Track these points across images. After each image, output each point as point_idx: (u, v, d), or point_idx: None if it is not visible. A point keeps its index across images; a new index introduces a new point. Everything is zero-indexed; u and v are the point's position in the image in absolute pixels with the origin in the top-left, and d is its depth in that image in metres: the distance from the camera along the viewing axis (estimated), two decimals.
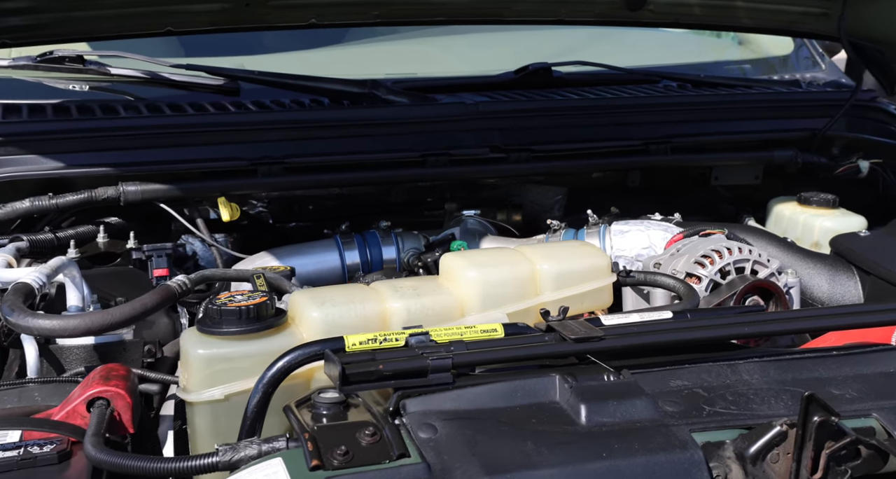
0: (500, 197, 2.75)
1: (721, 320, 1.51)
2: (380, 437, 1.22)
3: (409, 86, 2.61)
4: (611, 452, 1.22)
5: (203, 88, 2.53)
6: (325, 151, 2.31)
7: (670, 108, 2.58)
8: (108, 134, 2.26)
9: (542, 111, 2.49)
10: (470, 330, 1.41)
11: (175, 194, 2.21)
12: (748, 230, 2.27)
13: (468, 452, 1.20)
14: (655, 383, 1.38)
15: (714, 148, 2.61)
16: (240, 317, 1.45)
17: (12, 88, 2.63)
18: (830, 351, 1.53)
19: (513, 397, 1.33)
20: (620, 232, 2.18)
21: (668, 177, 2.67)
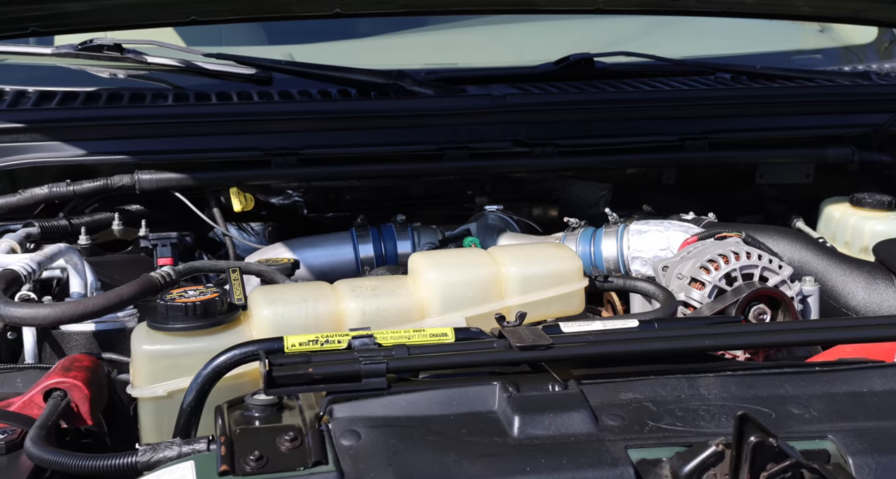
0: (542, 191, 2.74)
1: (687, 330, 1.48)
2: (300, 443, 1.22)
3: (445, 76, 2.61)
4: (536, 466, 1.20)
5: (236, 77, 2.58)
6: (340, 142, 2.33)
7: (709, 102, 2.51)
8: (128, 122, 2.32)
9: (570, 104, 2.46)
10: (419, 334, 1.41)
11: (189, 183, 2.26)
12: (779, 233, 2.21)
13: (385, 462, 1.19)
14: (604, 395, 1.36)
15: (757, 145, 2.54)
16: (186, 313, 1.47)
17: (52, 76, 2.73)
18: (812, 367, 1.49)
19: (449, 405, 1.33)
20: (638, 232, 2.15)
21: (707, 174, 2.61)
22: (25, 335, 1.88)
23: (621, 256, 2.14)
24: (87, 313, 1.65)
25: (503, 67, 2.73)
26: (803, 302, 1.92)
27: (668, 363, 1.50)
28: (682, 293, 1.88)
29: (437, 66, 2.79)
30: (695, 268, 1.88)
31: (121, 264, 2.13)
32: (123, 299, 1.69)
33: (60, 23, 2.39)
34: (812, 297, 1.93)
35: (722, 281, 1.86)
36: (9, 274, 1.76)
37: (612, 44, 2.97)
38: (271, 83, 2.59)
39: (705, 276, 1.86)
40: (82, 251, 2.16)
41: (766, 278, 1.87)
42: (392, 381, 1.36)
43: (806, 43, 3.40)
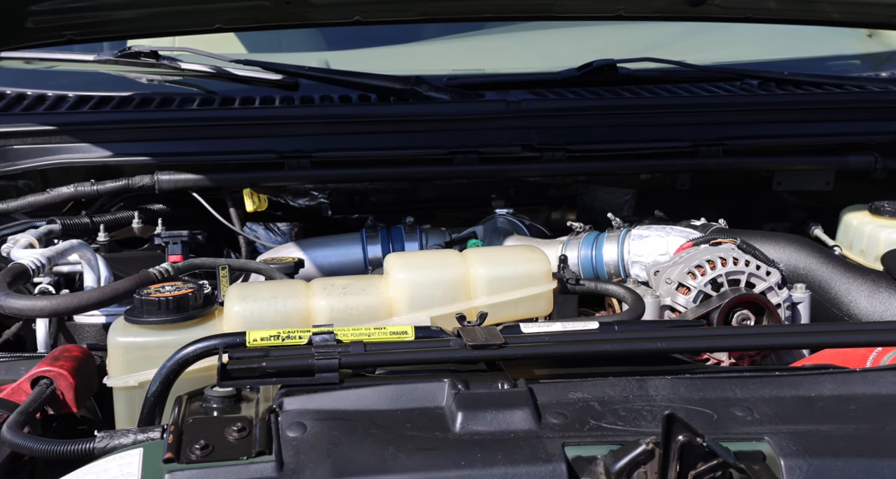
0: (565, 196, 2.78)
1: (642, 333, 1.51)
2: (248, 433, 1.28)
3: (467, 82, 2.67)
4: (470, 461, 1.25)
5: (263, 82, 2.67)
6: (351, 146, 2.40)
7: (723, 108, 2.53)
8: (149, 126, 2.42)
9: (582, 110, 2.50)
10: (379, 331, 1.47)
11: (205, 184, 2.36)
12: (785, 241, 2.21)
13: (325, 453, 1.25)
14: (553, 394, 1.40)
15: (774, 151, 2.55)
16: (159, 308, 1.56)
17: (94, 81, 2.86)
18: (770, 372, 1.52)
19: (398, 401, 1.38)
20: (639, 237, 2.18)
21: (723, 181, 2.62)
22: (38, 326, 1.99)
23: (622, 260, 2.17)
24: (82, 305, 1.75)
25: (526, 73, 2.78)
26: (793, 309, 1.93)
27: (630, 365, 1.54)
28: (669, 298, 1.91)
29: (467, 71, 2.85)
30: (682, 273, 1.91)
31: (136, 260, 2.23)
32: (119, 293, 1.78)
33: (94, 31, 2.51)
34: (802, 304, 1.94)
35: (707, 286, 1.89)
36: (17, 268, 1.87)
37: (645, 50, 3.00)
38: (297, 88, 2.67)
39: (691, 281, 1.89)
40: (101, 248, 2.28)
41: (753, 285, 1.89)
42: (348, 376, 1.43)
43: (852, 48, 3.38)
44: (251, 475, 1.22)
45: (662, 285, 1.93)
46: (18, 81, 2.86)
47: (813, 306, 2.13)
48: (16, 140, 2.46)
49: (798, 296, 1.93)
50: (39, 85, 2.80)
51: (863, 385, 1.42)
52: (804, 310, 1.94)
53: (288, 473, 1.23)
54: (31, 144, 2.45)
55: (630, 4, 2.51)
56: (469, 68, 2.91)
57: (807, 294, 1.94)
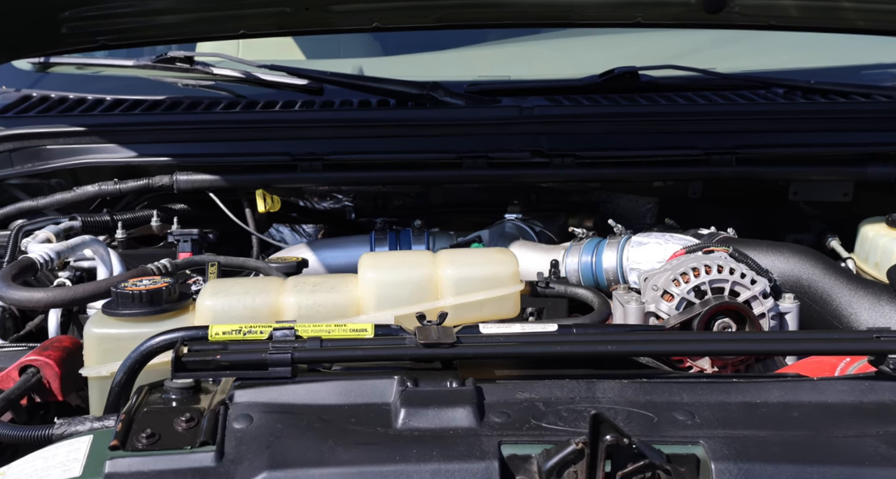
0: (587, 203, 2.81)
1: (597, 336, 1.54)
2: (196, 424, 1.34)
3: (487, 88, 2.71)
4: (405, 456, 1.29)
5: (290, 87, 2.75)
6: (364, 149, 2.46)
7: (737, 116, 2.53)
8: (170, 128, 2.53)
9: (594, 117, 2.52)
10: (339, 328, 1.52)
11: (221, 185, 2.45)
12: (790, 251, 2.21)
13: (265, 445, 1.30)
14: (500, 394, 1.44)
15: (790, 160, 2.54)
16: (132, 300, 1.63)
17: (132, 86, 2.97)
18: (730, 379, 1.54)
19: (347, 396, 1.43)
20: (639, 244, 2.20)
21: (737, 189, 2.63)
22: (50, 318, 2.09)
23: (620, 267, 2.20)
24: (77, 298, 1.84)
25: (548, 80, 2.81)
26: (780, 319, 1.94)
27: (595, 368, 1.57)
28: (654, 305, 1.94)
29: (490, 77, 2.90)
30: (667, 280, 1.93)
31: (151, 257, 2.31)
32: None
33: (126, 37, 2.61)
34: (790, 314, 1.94)
35: (691, 294, 1.90)
36: (24, 261, 1.97)
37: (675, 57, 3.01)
38: (322, 93, 2.74)
39: (674, 288, 1.91)
40: (119, 244, 2.38)
41: (738, 293, 1.90)
42: (304, 372, 1.49)
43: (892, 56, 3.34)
44: (190, 464, 1.27)
45: (649, 291, 1.95)
46: (65, 85, 2.99)
47: (814, 318, 2.13)
48: (49, 140, 2.57)
49: (786, 306, 1.94)
50: (83, 89, 2.92)
51: (811, 394, 1.44)
52: (792, 320, 1.94)
53: (226, 463, 1.28)
54: (62, 144, 2.57)
55: (648, 12, 2.53)
56: (497, 74, 2.96)
57: (795, 304, 1.94)
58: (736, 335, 1.63)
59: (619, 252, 2.20)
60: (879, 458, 1.28)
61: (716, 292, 1.90)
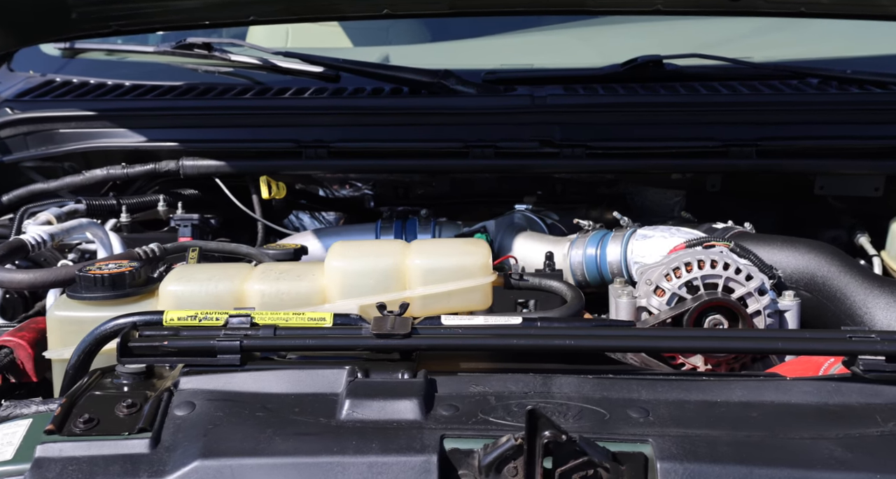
0: (614, 195, 2.78)
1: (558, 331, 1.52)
2: (137, 410, 1.35)
3: (505, 77, 2.69)
4: (343, 448, 1.28)
5: (306, 74, 2.76)
6: (371, 137, 2.46)
7: (759, 107, 2.47)
8: (179, 113, 2.55)
9: (609, 107, 2.48)
10: (297, 316, 1.52)
11: (226, 171, 2.47)
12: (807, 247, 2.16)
13: (202, 433, 1.30)
14: (453, 387, 1.43)
15: (815, 153, 2.47)
16: (94, 284, 1.65)
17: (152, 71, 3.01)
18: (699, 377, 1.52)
19: (296, 385, 1.43)
20: (643, 237, 2.17)
21: (758, 183, 2.57)
22: (48, 298, 2.13)
23: (624, 260, 2.17)
24: (59, 280, 1.87)
25: (569, 69, 2.78)
26: (779, 316, 1.90)
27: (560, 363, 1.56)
28: (645, 299, 1.91)
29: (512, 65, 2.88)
30: (660, 275, 1.90)
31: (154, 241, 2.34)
32: None
33: (137, 22, 2.64)
34: (790, 312, 1.90)
35: (682, 289, 1.87)
36: (14, 243, 2.01)
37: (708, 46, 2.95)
38: (338, 80, 2.75)
39: (666, 283, 1.88)
40: (123, 228, 2.42)
41: (732, 289, 1.87)
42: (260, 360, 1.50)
43: None
44: (123, 451, 1.28)
45: (642, 285, 1.93)
46: (90, 70, 3.03)
47: (828, 316, 2.09)
48: (61, 124, 2.62)
49: (785, 304, 1.89)
50: (106, 74, 2.96)
51: (774, 394, 1.41)
52: (791, 318, 1.89)
53: (160, 450, 1.29)
54: (74, 128, 2.62)
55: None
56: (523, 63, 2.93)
57: (795, 302, 1.90)
58: (701, 333, 1.60)
59: (623, 245, 2.17)
60: (833, 462, 1.25)
61: (710, 288, 1.87)
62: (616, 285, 1.98)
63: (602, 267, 2.19)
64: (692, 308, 1.81)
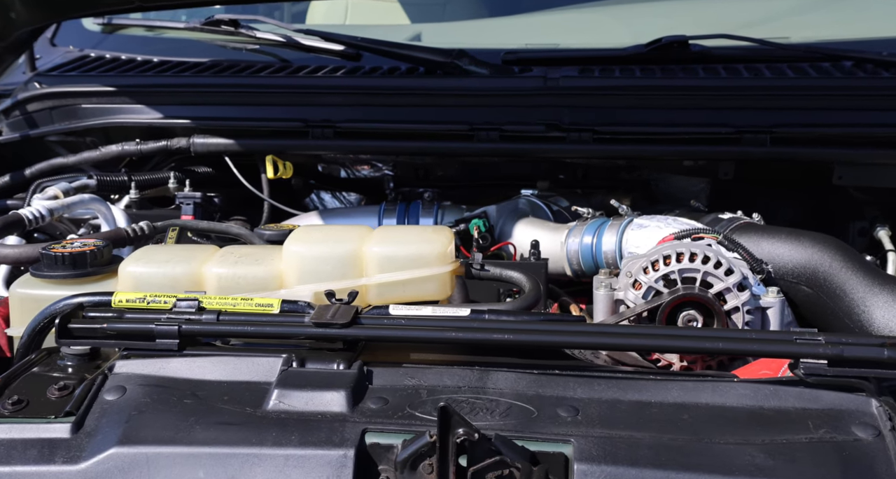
0: (637, 181, 2.74)
1: (503, 325, 1.50)
2: (68, 393, 1.37)
3: (525, 57, 2.66)
4: (262, 439, 1.29)
5: (327, 52, 2.76)
6: (377, 118, 2.45)
7: (775, 92, 2.38)
8: (192, 90, 2.58)
9: (620, 90, 2.42)
10: (245, 302, 1.53)
11: (235, 149, 2.49)
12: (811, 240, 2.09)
13: (124, 418, 1.31)
14: (387, 379, 1.42)
15: (835, 141, 2.39)
16: (55, 262, 1.68)
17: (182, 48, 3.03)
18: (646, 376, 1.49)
19: (232, 373, 1.43)
20: (639, 227, 2.13)
21: (773, 171, 2.50)
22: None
23: (619, 249, 2.13)
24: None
25: (589, 49, 2.72)
26: (761, 313, 1.85)
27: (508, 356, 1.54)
28: (623, 292, 1.88)
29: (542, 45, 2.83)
30: (639, 267, 1.87)
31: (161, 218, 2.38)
32: None
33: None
34: (772, 309, 1.85)
35: (659, 283, 1.83)
36: (12, 217, 2.06)
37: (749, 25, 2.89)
38: (360, 59, 2.74)
39: (643, 276, 1.85)
40: (132, 204, 2.46)
41: (711, 284, 1.83)
42: (201, 345, 1.51)
43: None
44: (43, 435, 1.30)
45: (623, 278, 1.90)
46: (125, 46, 3.05)
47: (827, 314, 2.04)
48: (83, 99, 2.67)
49: (768, 300, 1.84)
50: (139, 50, 2.99)
51: (710, 396, 1.38)
52: (774, 315, 1.84)
53: (81, 435, 1.31)
54: (94, 103, 2.66)
55: None
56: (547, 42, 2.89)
57: (778, 299, 1.85)
58: (639, 330, 1.57)
59: (618, 235, 2.14)
60: (752, 468, 1.22)
61: (688, 283, 1.83)
62: (600, 276, 1.95)
63: (597, 256, 2.16)
64: (665, 303, 1.77)
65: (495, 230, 2.31)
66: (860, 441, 1.26)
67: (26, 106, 2.75)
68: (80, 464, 1.28)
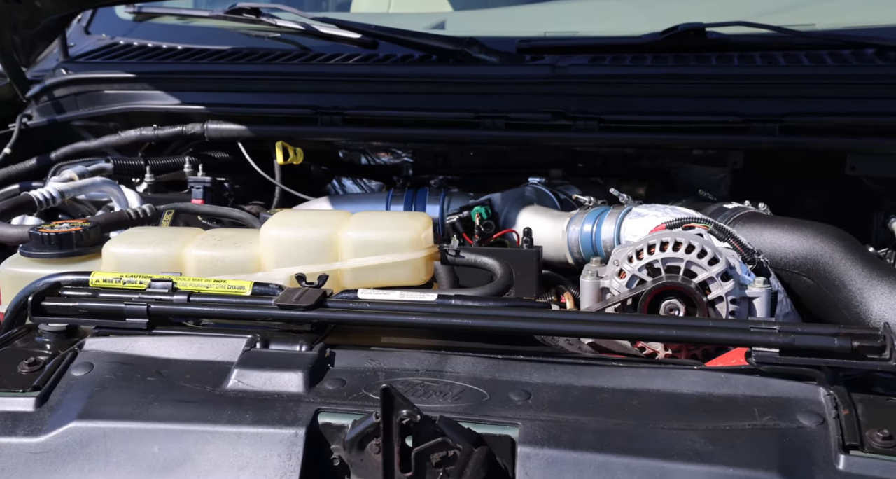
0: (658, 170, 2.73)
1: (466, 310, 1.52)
2: (39, 368, 1.42)
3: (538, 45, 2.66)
4: (217, 417, 1.32)
5: (345, 40, 2.79)
6: (386, 105, 2.48)
7: (784, 80, 2.36)
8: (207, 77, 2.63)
9: (628, 78, 2.42)
10: (218, 284, 1.57)
11: (247, 135, 2.53)
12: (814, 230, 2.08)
13: (87, 394, 1.36)
14: (348, 361, 1.45)
15: (846, 131, 2.36)
16: (43, 243, 1.74)
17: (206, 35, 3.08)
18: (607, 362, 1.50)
19: (198, 352, 1.47)
20: (637, 215, 2.13)
21: (783, 161, 2.47)
22: None
23: (617, 238, 2.13)
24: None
25: (603, 37, 2.72)
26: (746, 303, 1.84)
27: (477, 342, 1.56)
28: (608, 280, 1.88)
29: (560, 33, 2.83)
30: (625, 256, 1.87)
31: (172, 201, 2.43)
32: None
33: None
34: (759, 299, 1.84)
35: (643, 271, 1.83)
36: (22, 198, 2.13)
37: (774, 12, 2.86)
38: (376, 47, 2.77)
39: (627, 265, 1.85)
40: (148, 187, 2.52)
41: (695, 273, 1.82)
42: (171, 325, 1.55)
43: None
44: (9, 408, 1.35)
45: (611, 266, 1.90)
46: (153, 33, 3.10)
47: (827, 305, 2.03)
48: (105, 85, 2.74)
49: (754, 291, 1.83)
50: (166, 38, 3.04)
51: (662, 382, 1.39)
52: (760, 306, 1.83)
53: (44, 410, 1.35)
54: (116, 89, 2.73)
55: None
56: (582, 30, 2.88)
57: (765, 289, 1.83)
58: (594, 317, 1.56)
59: (617, 223, 2.14)
60: (691, 453, 1.23)
61: (672, 272, 1.82)
62: (591, 265, 1.96)
63: (597, 244, 2.16)
64: (646, 292, 1.77)
65: (500, 218, 2.32)
66: (803, 429, 1.26)
67: (53, 92, 2.82)
68: (40, 437, 1.32)
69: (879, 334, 1.33)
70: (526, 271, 1.99)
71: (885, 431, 1.23)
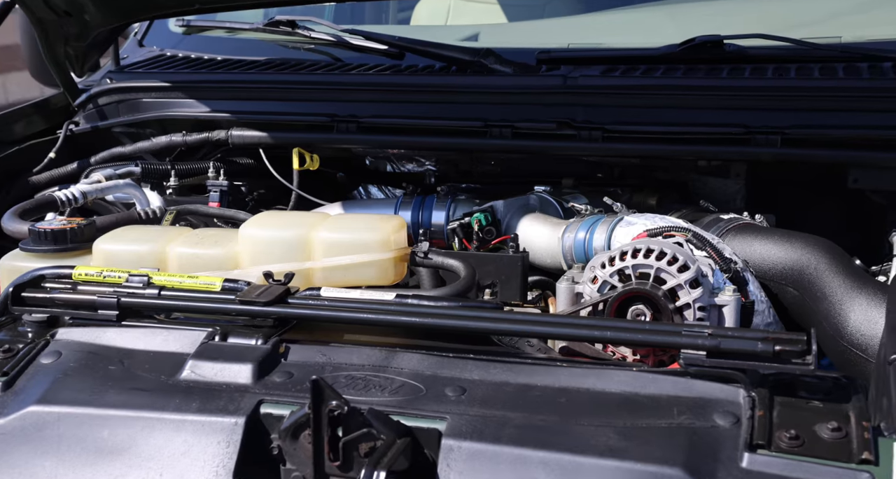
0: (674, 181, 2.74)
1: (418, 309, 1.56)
2: (12, 355, 1.49)
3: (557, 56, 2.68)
4: (164, 405, 1.39)
5: (373, 51, 2.85)
6: (398, 113, 2.52)
7: (787, 93, 2.34)
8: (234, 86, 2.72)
9: (631, 89, 2.43)
10: (191, 280, 1.64)
11: (267, 142, 2.61)
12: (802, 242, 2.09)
13: (50, 380, 1.43)
14: (301, 355, 1.51)
15: (849, 143, 2.34)
16: (39, 238, 1.83)
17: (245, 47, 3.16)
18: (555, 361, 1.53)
19: (162, 343, 1.54)
20: (628, 224, 2.16)
21: (785, 173, 2.46)
22: None
23: (608, 247, 2.15)
24: None
25: (621, 49, 2.73)
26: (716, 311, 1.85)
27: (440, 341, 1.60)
28: (583, 286, 1.91)
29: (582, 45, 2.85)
30: (598, 262, 1.90)
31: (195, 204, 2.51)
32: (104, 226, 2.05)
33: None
34: (728, 307, 1.85)
35: (614, 277, 1.86)
36: (45, 198, 2.23)
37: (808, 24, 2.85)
38: (403, 57, 2.83)
39: (600, 271, 1.87)
40: (173, 191, 2.61)
41: (664, 280, 1.84)
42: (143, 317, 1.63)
43: None
44: None
45: (587, 272, 1.93)
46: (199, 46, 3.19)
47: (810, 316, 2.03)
48: (143, 94, 2.85)
49: (723, 299, 1.85)
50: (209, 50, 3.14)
51: (594, 381, 1.41)
52: (729, 314, 1.84)
53: (9, 394, 1.43)
54: (153, 97, 2.83)
55: None
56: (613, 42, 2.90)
57: (733, 298, 1.84)
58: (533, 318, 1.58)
59: (608, 231, 2.16)
60: (604, 449, 1.26)
61: (642, 278, 1.84)
62: (571, 270, 1.99)
63: (589, 252, 2.18)
64: (613, 297, 1.80)
65: (502, 225, 2.36)
66: (716, 428, 1.29)
67: (98, 100, 2.93)
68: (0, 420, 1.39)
69: (802, 340, 1.34)
70: (511, 276, 2.02)
71: (792, 431, 1.24)
